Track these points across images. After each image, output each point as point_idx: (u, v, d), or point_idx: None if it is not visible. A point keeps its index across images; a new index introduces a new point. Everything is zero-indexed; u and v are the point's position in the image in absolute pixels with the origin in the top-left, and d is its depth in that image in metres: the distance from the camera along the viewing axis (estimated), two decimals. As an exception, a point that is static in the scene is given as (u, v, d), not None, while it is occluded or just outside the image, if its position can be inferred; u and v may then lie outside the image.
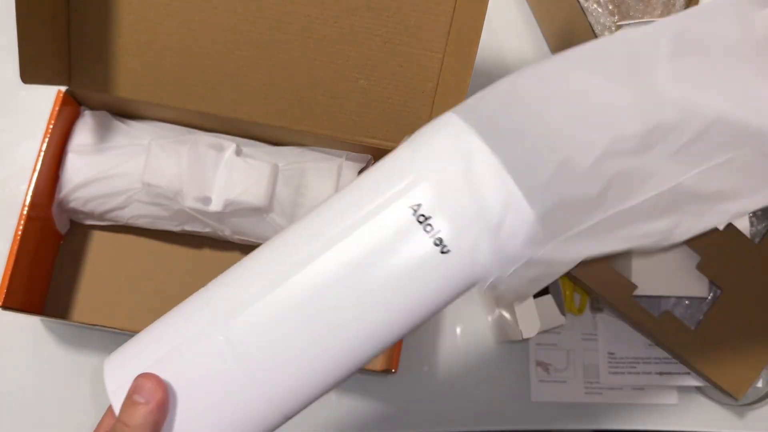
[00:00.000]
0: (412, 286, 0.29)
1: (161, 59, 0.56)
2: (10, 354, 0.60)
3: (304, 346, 0.30)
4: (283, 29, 0.55)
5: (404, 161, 0.32)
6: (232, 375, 0.30)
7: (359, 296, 0.29)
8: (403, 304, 0.30)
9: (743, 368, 0.61)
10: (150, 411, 0.33)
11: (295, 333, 0.29)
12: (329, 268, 0.29)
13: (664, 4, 0.68)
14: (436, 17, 0.54)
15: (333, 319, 0.29)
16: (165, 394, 0.34)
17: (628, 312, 0.59)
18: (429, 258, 0.29)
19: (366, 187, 0.32)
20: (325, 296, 0.29)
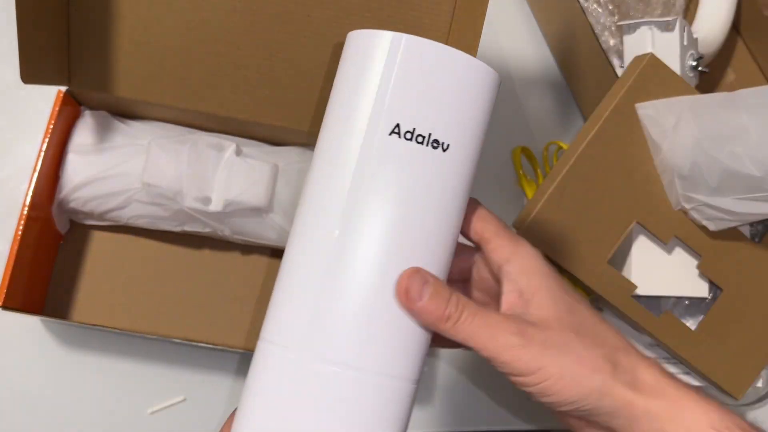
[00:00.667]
0: (440, 186, 0.36)
1: (161, 59, 0.56)
2: (10, 354, 0.60)
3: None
4: (283, 29, 0.55)
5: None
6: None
7: (414, 219, 0.34)
8: (440, 198, 0.36)
9: (743, 368, 0.61)
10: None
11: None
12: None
13: (664, 4, 0.68)
14: (436, 17, 0.54)
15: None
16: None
17: (628, 312, 0.59)
18: (438, 159, 0.35)
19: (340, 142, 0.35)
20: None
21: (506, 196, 0.69)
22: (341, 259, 0.33)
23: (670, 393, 0.35)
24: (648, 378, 0.35)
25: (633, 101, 0.57)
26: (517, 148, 0.69)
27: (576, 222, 0.57)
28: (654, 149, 0.57)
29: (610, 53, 0.66)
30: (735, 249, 0.60)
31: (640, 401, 0.35)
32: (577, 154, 0.57)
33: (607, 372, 0.35)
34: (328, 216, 0.34)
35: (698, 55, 0.63)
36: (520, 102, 0.73)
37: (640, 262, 0.60)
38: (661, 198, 0.58)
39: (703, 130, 0.52)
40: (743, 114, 0.49)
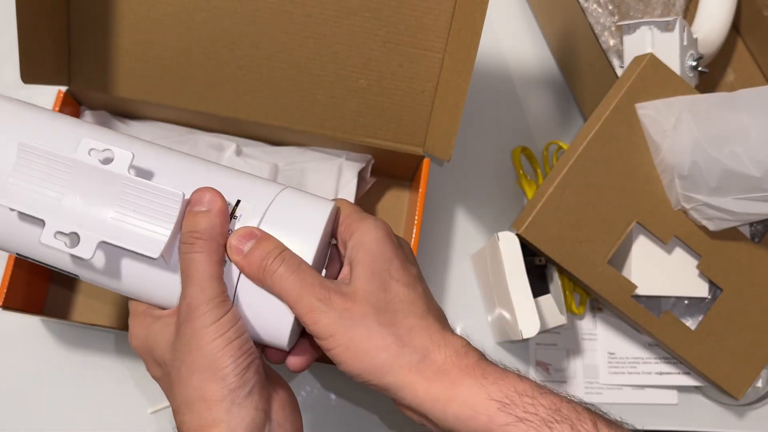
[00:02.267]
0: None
1: (161, 59, 0.56)
2: (11, 354, 0.60)
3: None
4: (283, 29, 0.55)
5: None
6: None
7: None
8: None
9: (743, 368, 0.61)
10: (214, 215, 0.37)
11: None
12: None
13: (664, 4, 0.68)
14: (436, 17, 0.54)
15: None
16: (223, 200, 0.37)
17: (628, 312, 0.59)
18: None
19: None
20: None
21: (506, 196, 0.70)
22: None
23: (454, 374, 0.36)
24: (437, 358, 0.36)
25: (633, 101, 0.57)
26: (517, 148, 0.69)
27: (576, 222, 0.57)
28: (654, 149, 0.57)
29: (610, 53, 0.66)
30: (735, 249, 0.60)
31: (421, 383, 0.36)
32: (577, 154, 0.57)
33: (392, 351, 0.36)
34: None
35: (698, 55, 0.63)
36: (520, 102, 0.73)
37: (640, 262, 0.60)
38: (661, 198, 0.58)
39: (702, 130, 0.52)
40: (743, 114, 0.49)
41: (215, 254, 0.36)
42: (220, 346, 0.35)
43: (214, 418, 0.35)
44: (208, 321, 0.36)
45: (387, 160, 0.61)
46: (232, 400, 0.35)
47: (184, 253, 0.37)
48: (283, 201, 0.39)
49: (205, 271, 0.36)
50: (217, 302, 0.36)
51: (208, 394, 0.35)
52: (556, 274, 0.63)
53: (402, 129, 0.58)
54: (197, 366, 0.36)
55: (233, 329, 0.36)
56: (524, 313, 0.57)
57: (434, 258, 0.67)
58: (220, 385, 0.35)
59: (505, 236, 0.58)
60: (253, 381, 0.36)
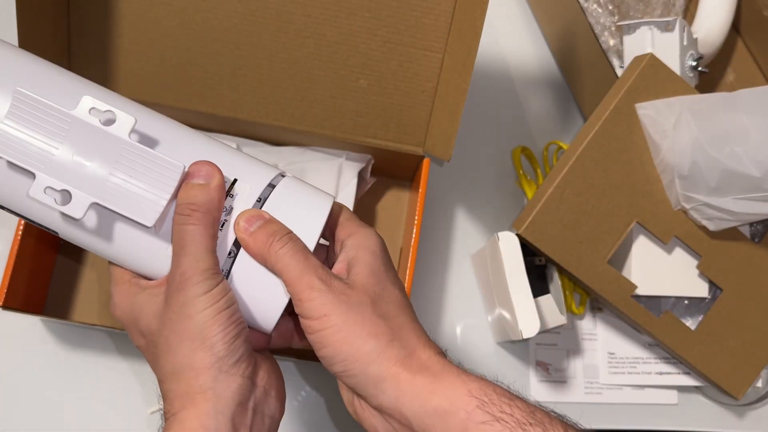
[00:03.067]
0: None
1: (161, 59, 0.56)
2: (11, 354, 0.60)
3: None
4: (283, 29, 0.55)
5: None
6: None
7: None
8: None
9: (743, 368, 0.61)
10: (213, 189, 0.37)
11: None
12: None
13: (664, 4, 0.68)
14: (436, 17, 0.54)
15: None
16: (222, 175, 0.37)
17: (628, 312, 0.59)
18: None
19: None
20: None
21: (506, 196, 0.70)
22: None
23: (437, 369, 0.37)
24: (422, 356, 0.37)
25: (633, 101, 0.57)
26: (517, 148, 0.69)
27: (576, 222, 0.57)
28: (654, 149, 0.57)
29: (610, 53, 0.66)
30: (735, 249, 0.60)
31: (406, 375, 0.36)
32: (577, 154, 0.57)
33: (382, 341, 0.37)
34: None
35: (698, 55, 0.63)
36: (520, 102, 0.73)
37: (640, 262, 0.60)
38: (661, 198, 0.58)
39: (702, 130, 0.52)
40: (743, 114, 0.49)
41: (210, 228, 0.37)
42: (210, 314, 0.36)
43: (201, 385, 0.36)
44: (200, 291, 0.36)
45: (387, 160, 0.61)
46: (220, 368, 0.36)
47: (180, 224, 0.37)
48: (285, 188, 0.39)
49: (201, 243, 0.36)
50: (210, 274, 0.36)
51: (196, 362, 0.36)
52: (556, 274, 0.63)
53: (402, 129, 0.58)
54: (187, 334, 0.36)
55: (224, 300, 0.36)
56: (524, 313, 0.57)
57: (434, 258, 0.67)
58: (209, 353, 0.36)
59: (505, 236, 0.58)
60: (241, 350, 0.37)
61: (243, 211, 0.38)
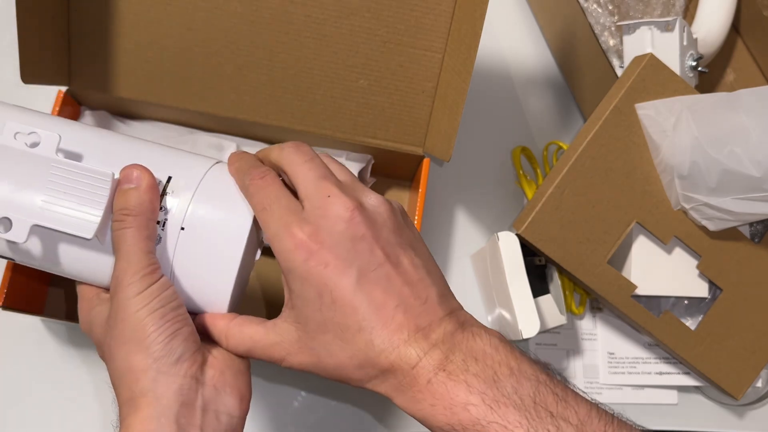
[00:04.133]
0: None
1: (161, 59, 0.56)
2: (11, 354, 0.60)
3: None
4: (283, 29, 0.55)
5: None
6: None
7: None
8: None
9: (743, 368, 0.61)
10: (143, 191, 0.37)
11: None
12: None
13: (664, 4, 0.68)
14: (436, 17, 0.54)
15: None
16: (151, 176, 0.38)
17: (628, 312, 0.59)
18: None
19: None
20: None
21: (506, 196, 0.70)
22: None
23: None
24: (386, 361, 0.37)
25: (633, 101, 0.57)
26: (517, 148, 0.69)
27: (576, 222, 0.57)
28: (654, 149, 0.57)
29: (609, 53, 0.66)
30: (735, 249, 0.60)
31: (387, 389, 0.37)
32: (577, 154, 0.57)
33: (350, 367, 0.37)
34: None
35: (698, 55, 0.63)
36: (520, 102, 0.73)
37: (640, 262, 0.60)
38: (660, 198, 0.58)
39: (702, 130, 0.52)
40: (743, 114, 0.49)
41: (144, 229, 0.37)
42: (143, 315, 0.36)
43: (141, 388, 0.35)
44: (132, 292, 0.36)
45: (387, 160, 0.61)
46: (158, 369, 0.36)
47: (115, 230, 0.37)
48: (214, 177, 0.40)
49: (133, 245, 0.36)
50: (142, 274, 0.36)
51: (134, 365, 0.36)
52: (556, 274, 0.63)
53: (402, 129, 0.58)
54: (124, 338, 0.36)
55: (158, 299, 0.36)
56: (524, 313, 0.57)
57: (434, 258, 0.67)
58: (145, 354, 0.36)
59: (505, 236, 0.58)
60: (180, 349, 0.36)
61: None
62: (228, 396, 0.37)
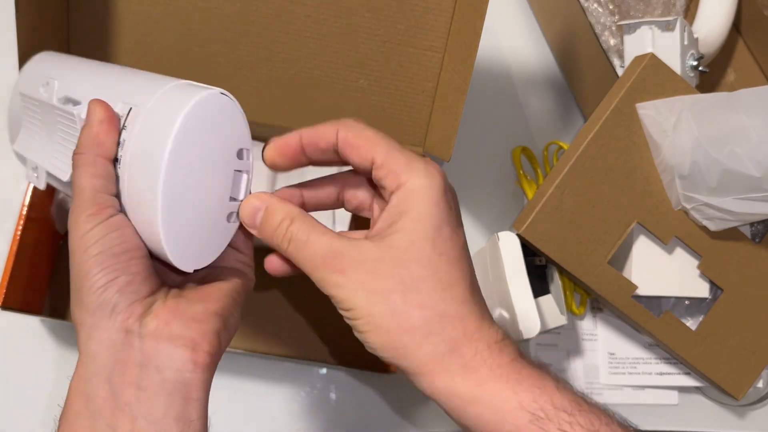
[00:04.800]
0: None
1: (161, 59, 0.56)
2: (10, 354, 0.60)
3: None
4: (282, 29, 0.55)
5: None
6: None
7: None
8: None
9: (743, 368, 0.60)
10: (93, 126, 0.35)
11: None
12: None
13: (665, 4, 0.68)
14: (436, 17, 0.54)
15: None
16: (104, 110, 0.35)
17: (628, 312, 0.58)
18: None
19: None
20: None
21: (506, 196, 0.69)
22: None
23: (482, 372, 0.32)
24: (467, 352, 0.33)
25: (633, 101, 0.57)
26: (518, 148, 0.69)
27: (576, 222, 0.57)
28: (654, 149, 0.57)
29: (610, 53, 0.66)
30: (735, 249, 0.60)
31: (442, 375, 0.33)
32: (578, 154, 0.57)
33: (417, 336, 0.32)
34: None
35: (698, 54, 0.63)
36: (520, 102, 0.72)
37: (640, 263, 0.60)
38: (661, 198, 0.58)
39: (703, 130, 0.52)
40: (743, 114, 0.49)
41: (90, 166, 0.34)
42: (82, 261, 0.33)
43: (80, 345, 0.33)
44: (76, 235, 0.33)
45: (387, 160, 0.61)
46: (92, 324, 0.33)
47: (72, 171, 0.35)
48: (154, 105, 0.35)
49: (81, 183, 0.34)
50: (86, 214, 0.33)
51: (76, 318, 0.33)
52: (556, 274, 0.63)
53: (402, 129, 0.58)
54: (72, 288, 0.34)
55: (97, 243, 0.33)
56: (524, 314, 0.57)
57: (434, 258, 0.67)
58: (81, 308, 0.33)
59: (505, 236, 0.58)
60: (114, 299, 0.32)
61: (244, 202, 0.36)
62: (175, 348, 0.33)
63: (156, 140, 0.33)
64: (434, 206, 0.34)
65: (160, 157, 0.33)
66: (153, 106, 0.35)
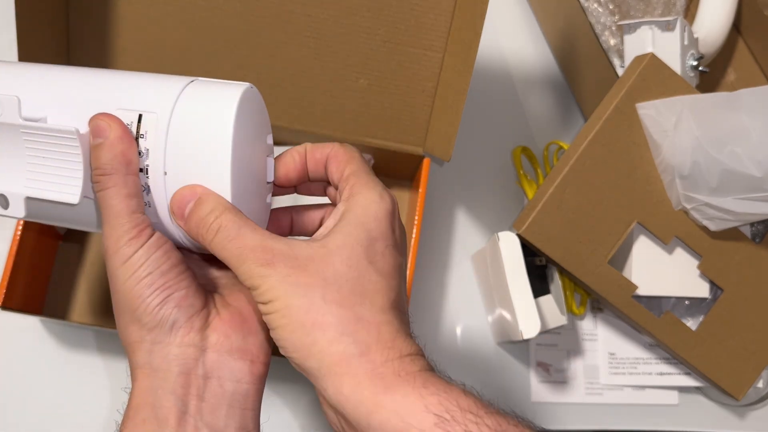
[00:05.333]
0: None
1: (161, 59, 0.56)
2: (10, 354, 0.60)
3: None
4: (283, 29, 0.55)
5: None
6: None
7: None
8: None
9: (743, 368, 0.60)
10: (113, 144, 0.34)
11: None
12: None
13: (665, 4, 0.68)
14: (436, 17, 0.54)
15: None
16: (119, 125, 0.34)
17: (628, 312, 0.58)
18: None
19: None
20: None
21: (506, 196, 0.69)
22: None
23: (389, 379, 0.32)
24: (377, 358, 0.32)
25: (633, 101, 0.57)
26: (518, 148, 0.69)
27: (576, 222, 0.57)
28: (654, 149, 0.57)
29: (610, 53, 0.66)
30: (735, 249, 0.59)
31: (348, 379, 0.32)
32: (578, 154, 0.57)
33: (327, 334, 0.32)
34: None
35: (699, 54, 0.63)
36: (520, 102, 0.72)
37: (640, 263, 0.59)
38: (661, 198, 0.58)
39: (703, 129, 0.52)
40: (743, 114, 0.49)
41: (122, 187, 0.34)
42: (131, 285, 0.34)
43: (137, 360, 0.34)
44: (119, 261, 0.34)
45: (387, 160, 0.61)
46: (152, 340, 0.34)
47: (96, 192, 0.34)
48: (186, 104, 0.35)
49: (113, 208, 0.34)
50: (127, 239, 0.33)
51: (130, 337, 0.34)
52: (556, 274, 0.62)
53: (402, 129, 0.58)
54: (119, 309, 0.34)
55: (144, 266, 0.34)
56: (524, 314, 0.57)
57: (434, 258, 0.67)
58: (138, 326, 0.34)
59: (505, 236, 0.58)
60: (173, 316, 0.34)
61: (175, 193, 0.35)
62: (235, 361, 0.35)
63: (209, 138, 0.33)
64: (376, 220, 0.35)
65: (223, 153, 0.33)
66: (185, 107, 0.34)
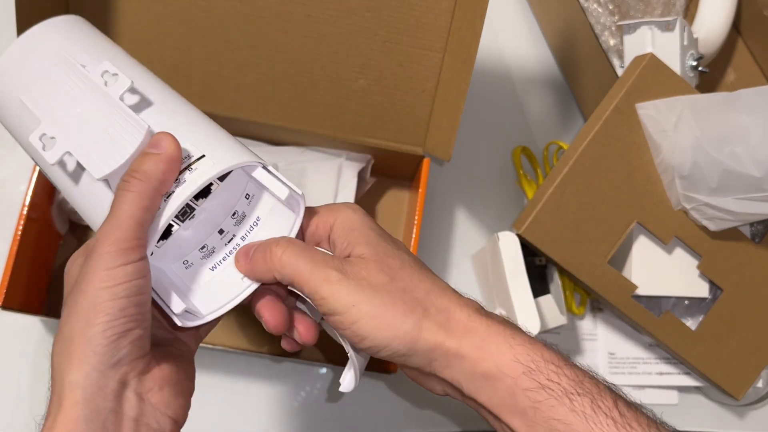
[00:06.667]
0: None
1: (161, 59, 0.56)
2: (10, 354, 0.60)
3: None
4: (283, 29, 0.55)
5: None
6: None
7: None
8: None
9: (743, 368, 0.60)
10: (161, 160, 0.34)
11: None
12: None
13: (665, 4, 0.68)
14: (436, 17, 0.54)
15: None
16: (177, 149, 0.34)
17: (628, 312, 0.58)
18: None
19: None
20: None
21: (506, 196, 0.69)
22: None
23: (480, 331, 0.35)
24: (461, 317, 0.36)
25: (633, 101, 0.57)
26: (518, 148, 0.69)
27: (576, 222, 0.57)
28: (654, 149, 0.57)
29: (610, 53, 0.66)
30: (735, 249, 0.60)
31: (451, 342, 0.35)
32: (578, 154, 0.57)
33: (418, 314, 0.35)
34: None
35: (698, 55, 0.63)
36: (520, 102, 0.72)
37: (640, 263, 0.60)
38: (661, 198, 0.58)
39: (703, 130, 0.52)
40: (743, 114, 0.49)
41: (146, 199, 0.33)
42: (104, 298, 0.32)
43: (71, 380, 0.32)
44: (103, 264, 0.32)
45: (387, 160, 0.61)
46: (94, 366, 0.32)
47: (118, 189, 0.34)
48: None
49: (127, 211, 0.33)
50: (122, 247, 0.32)
51: (73, 347, 0.32)
52: (556, 274, 0.63)
53: (402, 129, 0.58)
54: (76, 309, 0.32)
55: (124, 286, 0.32)
56: (524, 313, 0.57)
57: (434, 258, 0.67)
58: (87, 343, 0.32)
59: (505, 236, 0.58)
60: (125, 351, 0.32)
61: (240, 248, 0.38)
62: (162, 416, 0.34)
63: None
64: (369, 221, 0.38)
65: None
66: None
